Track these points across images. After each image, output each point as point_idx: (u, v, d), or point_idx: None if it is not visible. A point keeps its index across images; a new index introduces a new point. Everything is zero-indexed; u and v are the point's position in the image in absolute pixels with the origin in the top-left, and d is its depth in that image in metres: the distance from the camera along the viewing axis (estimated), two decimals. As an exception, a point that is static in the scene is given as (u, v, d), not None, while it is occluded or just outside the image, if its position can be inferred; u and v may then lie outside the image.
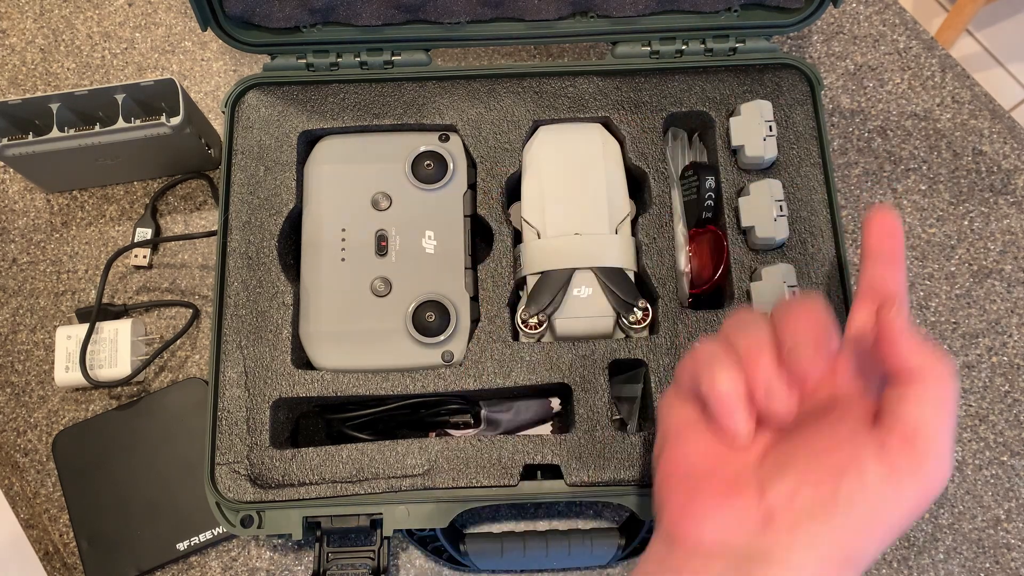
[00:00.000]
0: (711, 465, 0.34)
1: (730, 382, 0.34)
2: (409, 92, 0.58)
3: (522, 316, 0.53)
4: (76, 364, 0.58)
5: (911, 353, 0.31)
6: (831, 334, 0.34)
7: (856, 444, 0.32)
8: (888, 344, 0.32)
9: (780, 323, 0.34)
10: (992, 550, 0.56)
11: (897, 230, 0.36)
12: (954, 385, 0.32)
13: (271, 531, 0.50)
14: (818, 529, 0.31)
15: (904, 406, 0.31)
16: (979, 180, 0.64)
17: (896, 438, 0.31)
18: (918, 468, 0.31)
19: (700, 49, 0.58)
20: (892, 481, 0.31)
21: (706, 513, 0.33)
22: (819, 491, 0.31)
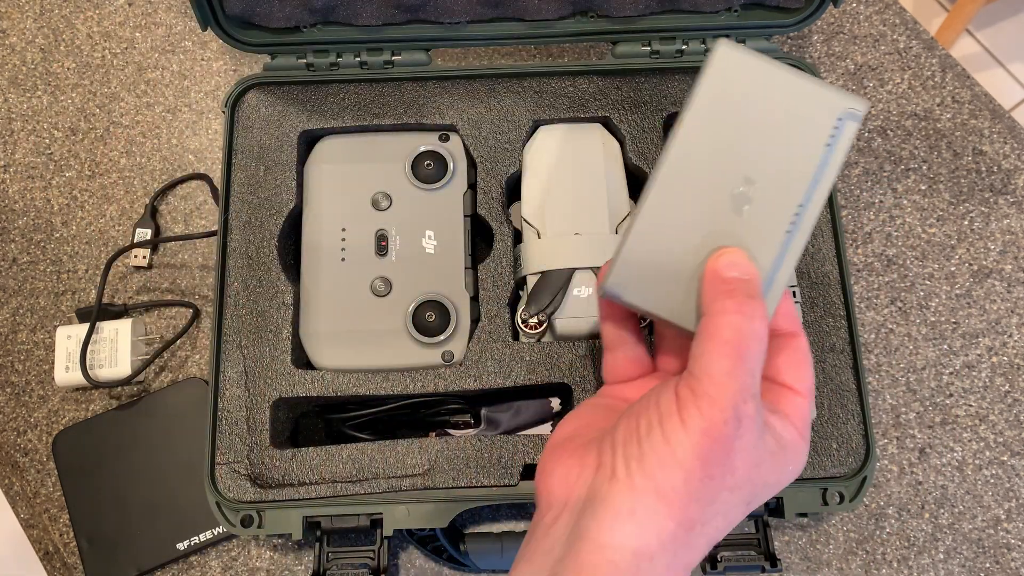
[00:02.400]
0: (574, 432, 0.39)
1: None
2: (409, 92, 0.58)
3: (522, 316, 0.53)
4: (76, 364, 0.58)
5: (706, 299, 0.35)
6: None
7: (660, 389, 0.35)
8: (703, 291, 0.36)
9: None
10: (992, 550, 0.56)
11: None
12: (742, 326, 0.34)
13: (271, 531, 0.50)
14: (631, 467, 0.33)
15: (693, 346, 0.35)
16: (979, 180, 0.64)
17: (684, 377, 0.34)
18: (698, 398, 0.33)
19: (700, 49, 0.58)
20: (678, 412, 0.33)
21: (555, 469, 0.37)
22: (629, 432, 0.34)
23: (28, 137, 0.68)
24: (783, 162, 0.37)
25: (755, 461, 0.33)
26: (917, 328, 0.61)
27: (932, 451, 0.58)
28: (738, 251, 0.36)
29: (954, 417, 0.59)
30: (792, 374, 0.37)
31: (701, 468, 0.32)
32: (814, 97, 0.37)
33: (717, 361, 0.33)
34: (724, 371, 0.33)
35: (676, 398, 0.33)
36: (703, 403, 0.33)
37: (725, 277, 0.35)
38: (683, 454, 0.32)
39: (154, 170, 0.66)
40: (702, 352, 0.34)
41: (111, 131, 0.68)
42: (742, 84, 0.37)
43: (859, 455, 0.51)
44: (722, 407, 0.32)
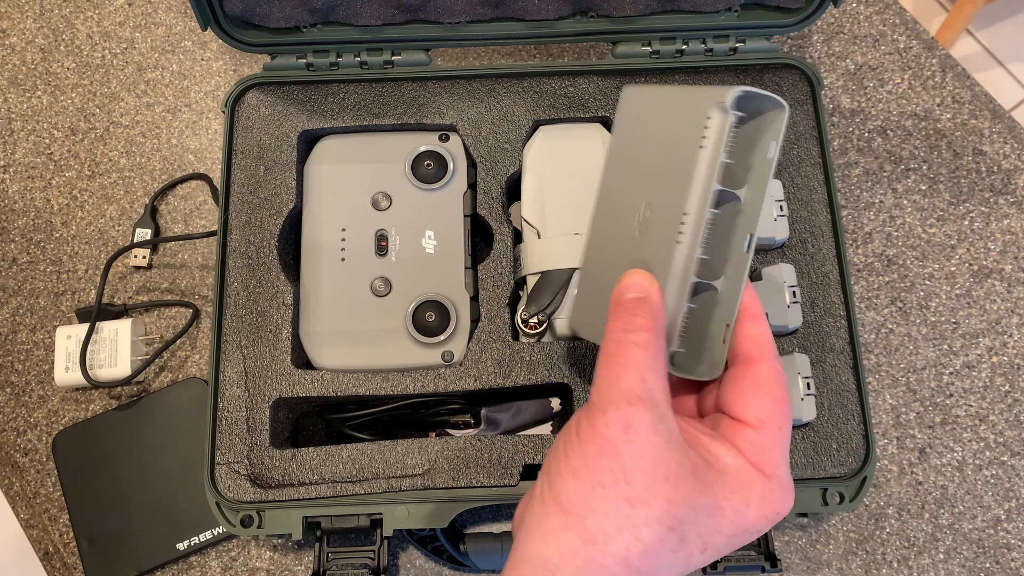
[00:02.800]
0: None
1: None
2: (409, 92, 0.58)
3: (522, 316, 0.53)
4: (76, 364, 0.58)
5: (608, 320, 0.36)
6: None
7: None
8: None
9: None
10: (992, 550, 0.56)
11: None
12: (622, 338, 0.34)
13: (271, 531, 0.50)
14: (542, 483, 0.34)
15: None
16: (979, 180, 0.64)
17: (590, 394, 0.35)
18: (588, 409, 0.33)
19: (700, 49, 0.58)
20: (576, 426, 0.33)
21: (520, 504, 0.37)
22: (548, 454, 0.35)
23: (28, 137, 0.68)
24: (669, 174, 0.36)
25: (664, 474, 0.31)
26: (917, 328, 0.61)
27: (932, 451, 0.58)
28: (637, 272, 0.37)
29: (954, 417, 0.59)
30: (743, 404, 0.35)
31: (590, 475, 0.32)
32: (689, 102, 0.36)
33: (600, 372, 0.34)
34: (606, 379, 0.33)
35: (576, 417, 0.34)
36: (591, 412, 0.33)
37: (621, 300, 0.36)
38: (575, 462, 0.32)
39: (154, 170, 0.66)
40: (596, 370, 0.35)
41: (111, 131, 0.67)
42: (641, 114, 0.39)
43: (859, 455, 0.51)
44: (604, 410, 0.32)
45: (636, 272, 0.37)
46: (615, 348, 0.34)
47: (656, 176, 0.37)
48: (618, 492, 0.31)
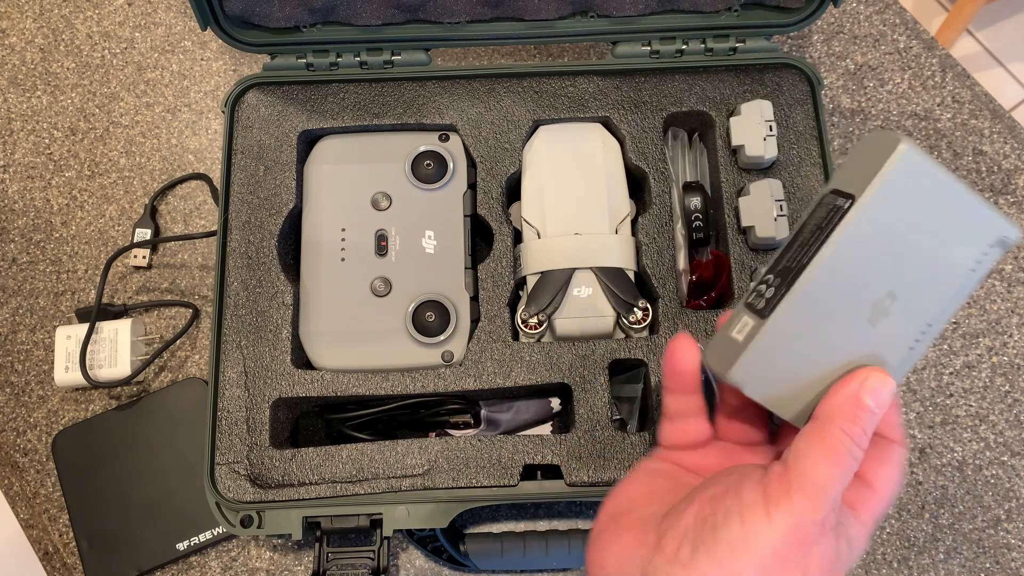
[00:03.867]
0: (632, 504, 0.37)
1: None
2: (409, 92, 0.58)
3: (522, 316, 0.53)
4: (76, 364, 0.58)
5: (829, 408, 0.34)
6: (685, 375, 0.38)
7: (741, 477, 0.34)
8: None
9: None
10: (992, 550, 0.56)
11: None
12: (853, 447, 0.33)
13: (271, 531, 0.50)
14: (698, 552, 0.32)
15: (798, 441, 0.34)
16: (979, 180, 0.64)
17: (776, 469, 0.33)
18: (791, 495, 0.32)
19: (700, 49, 0.58)
20: (764, 504, 0.32)
21: (612, 546, 0.35)
22: (701, 518, 0.33)
23: (28, 137, 0.68)
24: (928, 279, 0.35)
25: (828, 568, 0.32)
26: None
27: (932, 451, 0.58)
28: (887, 379, 0.35)
29: (954, 417, 0.59)
30: (877, 471, 0.36)
31: (777, 565, 0.31)
32: (975, 217, 0.35)
33: (821, 464, 0.32)
34: (825, 475, 0.32)
35: (763, 489, 0.32)
36: (792, 498, 0.32)
37: (862, 402, 0.34)
38: (761, 549, 0.31)
39: (154, 170, 0.66)
40: (807, 451, 0.33)
41: (111, 131, 0.67)
42: (913, 192, 0.35)
43: (859, 455, 0.51)
44: (815, 507, 0.31)
45: (885, 379, 0.35)
46: (841, 448, 0.33)
47: (911, 271, 0.35)
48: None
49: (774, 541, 0.31)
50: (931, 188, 0.34)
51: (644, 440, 0.51)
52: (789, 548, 0.31)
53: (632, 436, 0.51)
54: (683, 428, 0.40)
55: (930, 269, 0.35)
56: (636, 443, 0.51)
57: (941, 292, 0.35)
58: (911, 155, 0.34)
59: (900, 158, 0.33)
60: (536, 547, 0.53)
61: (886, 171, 0.34)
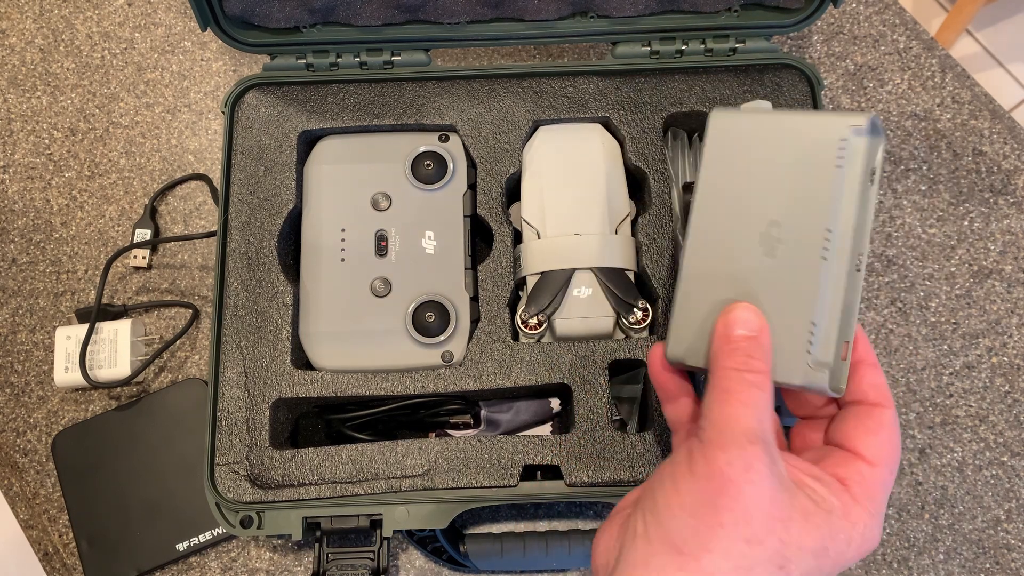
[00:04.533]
0: (633, 498, 0.39)
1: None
2: (409, 92, 0.58)
3: (522, 316, 0.53)
4: (76, 364, 0.58)
5: (712, 356, 0.36)
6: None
7: (675, 447, 0.37)
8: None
9: None
10: (992, 551, 0.56)
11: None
12: (742, 377, 0.35)
13: (271, 532, 0.50)
14: (647, 520, 0.34)
15: (704, 400, 0.35)
16: (979, 180, 0.64)
17: (693, 430, 0.35)
18: (704, 445, 0.33)
19: (700, 49, 0.58)
20: (687, 461, 0.34)
21: (601, 538, 0.37)
22: (648, 488, 0.35)
23: (28, 137, 0.68)
24: (801, 197, 0.38)
25: (778, 515, 0.32)
26: (917, 329, 0.61)
27: (932, 451, 0.58)
28: (746, 306, 0.37)
29: (954, 418, 0.59)
30: (864, 441, 0.36)
31: (710, 514, 0.32)
32: (812, 128, 0.38)
33: (719, 408, 0.34)
34: (726, 416, 0.33)
35: (687, 451, 0.34)
36: (707, 448, 0.33)
37: (731, 336, 0.36)
38: (691, 500, 0.32)
39: (153, 170, 0.66)
40: (707, 405, 0.34)
41: (110, 131, 0.67)
42: (742, 139, 0.39)
43: (859, 456, 0.51)
44: (724, 447, 0.32)
45: (744, 307, 0.37)
46: (733, 385, 0.34)
47: (782, 198, 0.38)
48: (736, 532, 0.32)
49: (700, 490, 0.32)
50: (756, 129, 0.39)
51: (644, 440, 0.51)
52: (716, 493, 0.32)
53: (632, 436, 0.51)
54: (685, 405, 0.41)
55: (797, 186, 0.38)
56: (636, 443, 0.51)
57: (821, 200, 0.38)
58: (719, 115, 0.40)
59: (713, 123, 0.40)
60: (536, 547, 0.53)
61: (708, 138, 0.40)
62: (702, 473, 0.32)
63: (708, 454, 0.33)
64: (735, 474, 0.32)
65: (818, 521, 0.33)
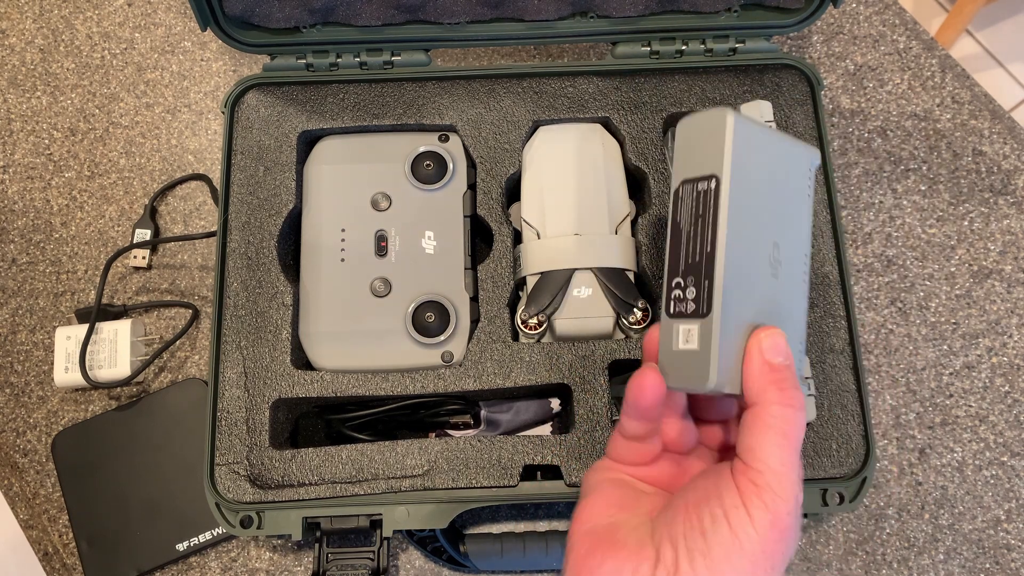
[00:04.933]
0: (610, 518, 0.37)
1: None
2: (409, 92, 0.58)
3: (522, 316, 0.53)
4: (76, 365, 0.58)
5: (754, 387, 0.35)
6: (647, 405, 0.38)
7: (717, 480, 0.35)
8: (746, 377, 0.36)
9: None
10: (992, 551, 0.56)
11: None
12: (793, 417, 0.34)
13: (271, 532, 0.50)
14: (696, 561, 0.33)
15: (745, 435, 0.34)
16: (979, 180, 0.64)
17: (741, 468, 0.34)
18: (761, 490, 0.33)
19: (700, 49, 0.58)
20: (744, 505, 0.33)
21: (603, 563, 0.35)
22: (690, 525, 0.34)
23: (27, 138, 0.68)
24: (789, 217, 0.39)
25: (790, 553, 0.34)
26: (917, 329, 0.61)
27: (932, 452, 0.58)
28: (777, 332, 0.36)
29: (954, 418, 0.59)
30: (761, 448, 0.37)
31: (766, 560, 0.32)
32: (795, 154, 0.39)
33: (775, 453, 0.33)
34: (782, 462, 0.33)
35: (738, 491, 0.33)
36: (767, 496, 0.33)
37: (773, 364, 0.35)
38: (751, 547, 0.32)
39: (153, 171, 0.66)
40: (759, 443, 0.34)
41: (110, 132, 0.67)
42: (754, 151, 0.38)
43: (859, 456, 0.51)
44: (786, 498, 0.33)
45: (776, 333, 0.36)
46: (790, 429, 0.34)
47: (778, 217, 0.38)
48: (779, 571, 0.33)
49: (760, 538, 0.32)
50: (762, 142, 0.38)
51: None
52: (775, 540, 0.32)
53: (632, 436, 0.51)
54: (639, 448, 0.40)
55: (786, 208, 0.39)
56: (636, 443, 0.51)
57: (800, 222, 0.39)
58: (740, 122, 0.37)
59: (734, 128, 0.37)
60: (536, 547, 0.53)
61: (729, 142, 0.37)
62: (762, 520, 0.32)
63: (769, 502, 0.33)
64: (792, 522, 0.33)
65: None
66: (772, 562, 0.33)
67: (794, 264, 0.38)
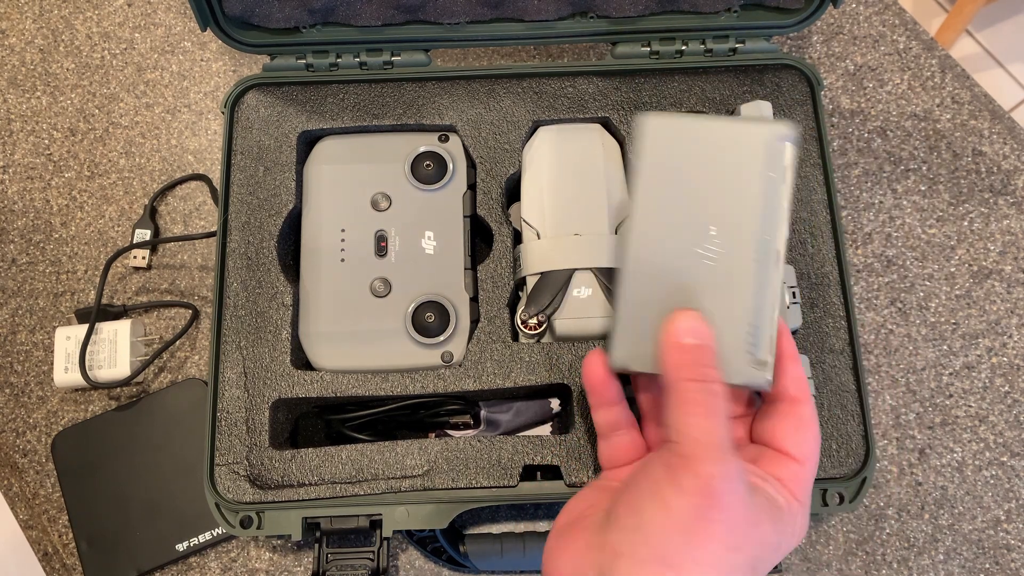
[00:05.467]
0: (579, 516, 0.39)
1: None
2: (409, 92, 0.58)
3: (522, 317, 0.53)
4: (75, 365, 0.58)
5: (668, 369, 0.36)
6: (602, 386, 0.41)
7: (647, 462, 0.36)
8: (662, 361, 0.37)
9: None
10: (992, 551, 0.56)
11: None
12: (706, 389, 0.35)
13: (270, 532, 0.50)
14: (634, 539, 0.34)
15: (666, 416, 0.35)
16: (979, 180, 0.64)
17: (668, 446, 0.35)
18: (686, 460, 0.34)
19: (700, 49, 0.58)
20: (670, 478, 0.34)
21: (562, 555, 0.37)
22: (627, 507, 0.35)
23: (27, 138, 0.68)
24: (733, 202, 0.39)
25: (751, 519, 0.34)
26: (917, 329, 0.61)
27: (932, 452, 0.58)
28: (690, 313, 0.37)
29: (954, 418, 0.59)
30: (791, 440, 0.38)
31: (702, 528, 0.33)
32: (748, 137, 0.39)
33: (693, 423, 0.34)
34: (702, 430, 0.34)
35: (666, 466, 0.34)
36: (692, 463, 0.33)
37: (681, 344, 0.36)
38: (682, 516, 0.33)
39: (153, 171, 0.66)
40: (677, 418, 0.35)
41: (110, 132, 0.67)
42: (679, 145, 0.40)
43: (859, 456, 0.51)
44: (710, 462, 0.33)
45: (688, 315, 0.37)
46: (698, 397, 0.35)
47: (716, 205, 0.39)
48: (723, 542, 0.33)
49: (691, 506, 0.33)
50: (690, 135, 0.40)
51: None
52: (706, 507, 0.33)
53: (632, 437, 0.51)
54: (617, 444, 0.42)
55: (729, 192, 0.39)
56: (636, 444, 0.51)
57: (751, 204, 0.39)
58: (655, 120, 0.40)
59: (649, 127, 0.40)
60: (536, 548, 0.53)
61: (646, 143, 0.40)
62: (691, 488, 0.33)
63: (694, 469, 0.33)
64: (720, 486, 0.33)
65: (775, 517, 0.35)
66: (709, 534, 0.32)
67: (742, 247, 0.39)
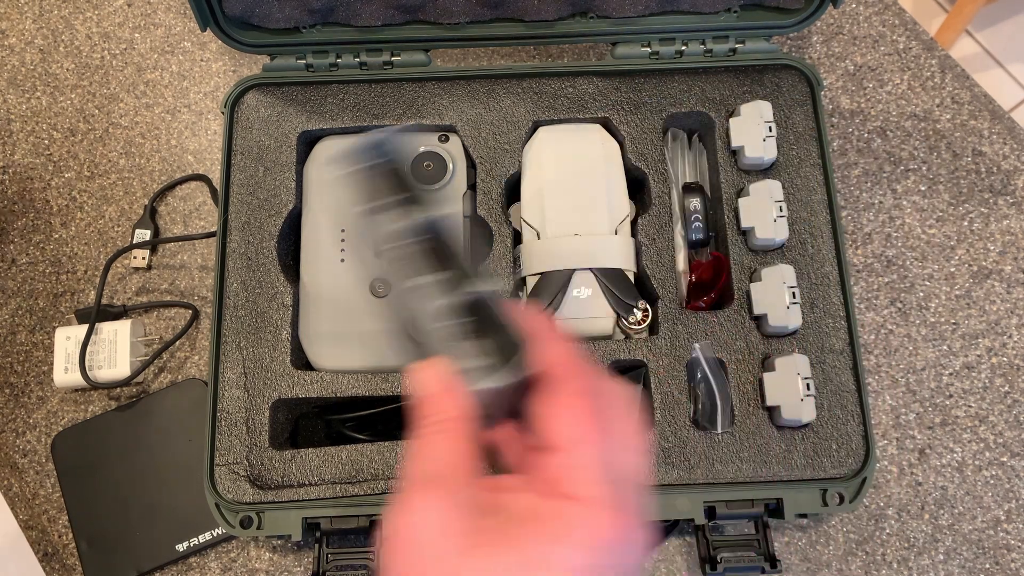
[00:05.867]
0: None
1: None
2: (409, 92, 0.58)
3: (522, 317, 0.53)
4: (75, 365, 0.58)
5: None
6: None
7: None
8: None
9: None
10: (992, 551, 0.56)
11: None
12: (424, 424, 0.32)
13: (270, 532, 0.50)
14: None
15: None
16: (979, 181, 0.64)
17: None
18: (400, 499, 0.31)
19: (700, 50, 0.58)
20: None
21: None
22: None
23: (27, 138, 0.68)
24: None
25: (453, 549, 0.29)
26: (917, 329, 0.61)
27: (932, 452, 0.58)
28: (421, 366, 0.33)
29: (954, 418, 0.59)
30: (552, 428, 0.32)
31: (390, 572, 0.30)
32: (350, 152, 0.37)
33: (414, 464, 0.32)
34: (415, 468, 0.31)
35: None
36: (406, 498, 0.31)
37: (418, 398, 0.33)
38: (389, 556, 0.30)
39: (153, 171, 0.66)
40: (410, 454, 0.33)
41: (110, 132, 0.67)
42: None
43: (859, 456, 0.51)
44: (395, 504, 0.31)
45: (423, 367, 0.33)
46: (423, 441, 0.32)
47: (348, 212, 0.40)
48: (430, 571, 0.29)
49: (385, 552, 0.30)
50: (340, 153, 0.36)
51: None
52: (389, 554, 0.30)
53: (632, 437, 0.51)
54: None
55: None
56: (636, 444, 0.51)
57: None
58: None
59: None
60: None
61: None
62: (386, 535, 0.30)
63: (409, 505, 0.30)
64: (397, 527, 0.30)
65: (514, 533, 0.30)
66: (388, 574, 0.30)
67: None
